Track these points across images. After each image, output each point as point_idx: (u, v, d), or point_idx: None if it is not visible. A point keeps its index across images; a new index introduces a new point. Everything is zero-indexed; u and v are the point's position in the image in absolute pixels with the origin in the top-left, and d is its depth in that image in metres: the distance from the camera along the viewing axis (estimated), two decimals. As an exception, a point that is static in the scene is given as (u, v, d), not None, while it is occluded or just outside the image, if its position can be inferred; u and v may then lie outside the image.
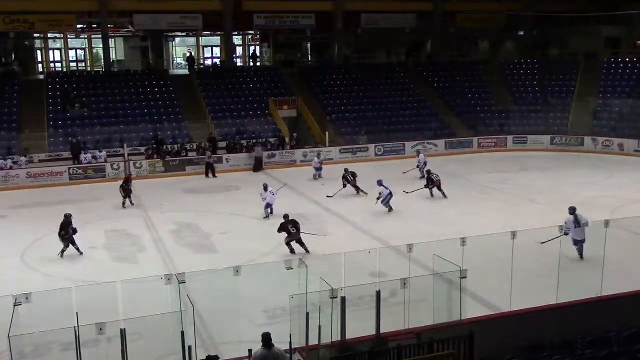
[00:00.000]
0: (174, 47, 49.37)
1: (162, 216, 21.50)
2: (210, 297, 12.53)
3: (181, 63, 47.88)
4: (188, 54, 44.66)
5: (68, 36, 45.08)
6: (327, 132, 32.85)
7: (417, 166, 26.97)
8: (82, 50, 47.87)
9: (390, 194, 21.17)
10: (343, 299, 9.95)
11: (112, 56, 40.99)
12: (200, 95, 35.31)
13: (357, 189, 23.90)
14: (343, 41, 41.25)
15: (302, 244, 16.87)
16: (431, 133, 34.77)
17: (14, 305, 9.73)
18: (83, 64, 46.84)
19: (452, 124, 36.26)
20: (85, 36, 45.00)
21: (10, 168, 27.35)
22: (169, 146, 30.59)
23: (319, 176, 27.66)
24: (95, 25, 39.58)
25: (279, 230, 16.94)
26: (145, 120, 32.86)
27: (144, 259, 17.27)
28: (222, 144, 31.49)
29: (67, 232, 17.07)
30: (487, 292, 13.37)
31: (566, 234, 15.18)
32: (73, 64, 46.29)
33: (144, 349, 10.40)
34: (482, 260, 13.67)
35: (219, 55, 47.59)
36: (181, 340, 9.27)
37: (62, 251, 17.16)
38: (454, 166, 29.51)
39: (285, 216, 17.36)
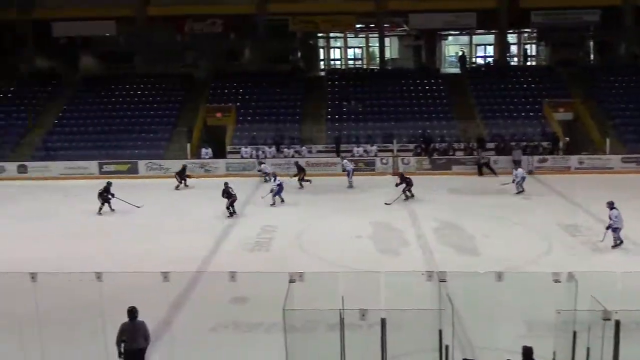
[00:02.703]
0: (446, 46, 49.48)
1: (426, 213, 21.71)
2: (469, 300, 12.28)
3: (453, 62, 47.83)
4: (460, 53, 44.44)
5: (348, 36, 47.96)
6: (607, 139, 30.08)
7: (513, 181, 24.65)
8: (360, 49, 50.50)
9: None
10: (617, 323, 9.01)
11: (387, 55, 42.50)
12: (471, 95, 34.91)
13: None
14: (632, 39, 37.41)
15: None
16: None
17: (289, 282, 10.61)
18: (360, 62, 49.41)
19: None
20: (363, 35, 47.37)
21: (292, 157, 29.98)
22: (436, 144, 30.80)
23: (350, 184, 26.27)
24: (372, 25, 41.44)
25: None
26: (415, 118, 33.52)
27: (406, 253, 17.62)
28: (490, 145, 30.76)
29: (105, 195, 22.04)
30: None
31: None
32: (351, 62, 49.11)
33: (401, 341, 10.57)
34: None
35: (492, 54, 46.50)
36: (439, 338, 9.25)
37: (100, 209, 21.98)
38: None
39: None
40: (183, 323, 12.77)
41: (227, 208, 21.64)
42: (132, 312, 10.12)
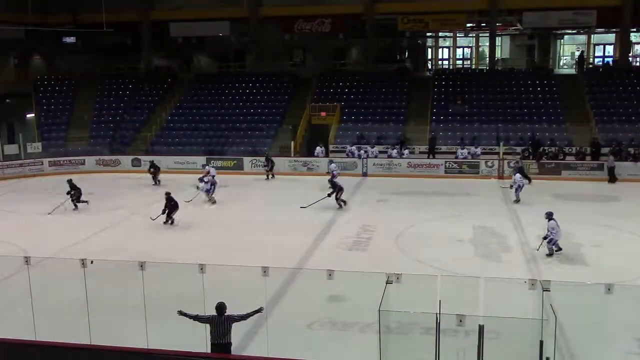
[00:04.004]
0: (561, 46, 47.40)
1: (532, 219, 20.88)
2: (575, 312, 11.72)
3: (568, 62, 45.77)
4: (579, 53, 42.38)
5: (457, 35, 47.03)
6: None
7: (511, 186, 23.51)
8: (469, 49, 49.42)
9: None
10: None
11: (498, 54, 41.33)
12: (586, 97, 33.23)
13: None
14: None
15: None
16: None
17: (386, 283, 10.55)
18: (469, 62, 48.34)
19: None
20: (473, 35, 46.29)
21: (400, 157, 29.75)
22: (546, 148, 29.59)
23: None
24: (484, 24, 40.42)
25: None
26: (524, 120, 32.38)
27: (508, 259, 17.06)
28: (605, 150, 29.15)
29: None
30: None
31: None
32: (459, 62, 48.14)
33: (499, 350, 10.25)
34: None
35: (611, 54, 44.04)
36: (539, 349, 8.87)
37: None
38: None
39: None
40: (280, 318, 13.01)
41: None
42: (220, 307, 10.36)
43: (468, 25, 40.52)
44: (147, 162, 29.46)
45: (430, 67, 46.69)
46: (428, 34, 45.49)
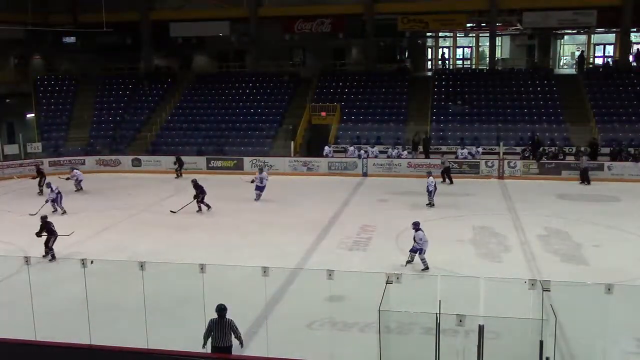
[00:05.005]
0: (562, 46, 47.42)
1: (532, 219, 20.93)
2: (575, 312, 11.73)
3: (568, 62, 45.78)
4: (579, 53, 42.39)
5: (457, 35, 47.04)
6: None
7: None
8: (469, 49, 49.44)
9: None
10: None
11: (498, 54, 41.35)
12: (586, 97, 33.24)
13: None
14: None
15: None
16: None
17: (386, 283, 10.55)
18: (469, 62, 48.34)
19: None
20: (474, 35, 46.31)
21: (399, 157, 29.74)
22: (546, 148, 29.60)
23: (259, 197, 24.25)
24: (484, 24, 40.43)
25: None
26: (524, 120, 32.40)
27: (508, 259, 17.05)
28: (605, 150, 29.16)
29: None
30: None
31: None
32: (459, 62, 48.15)
33: (499, 350, 10.25)
34: None
35: (611, 54, 44.05)
36: (539, 349, 8.87)
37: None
38: None
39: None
40: (280, 318, 13.01)
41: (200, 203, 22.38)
42: (221, 309, 10.36)
43: (468, 25, 40.53)
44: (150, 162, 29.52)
45: (430, 67, 46.68)
46: (428, 34, 45.49)
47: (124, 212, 22.72)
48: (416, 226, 16.04)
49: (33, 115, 36.57)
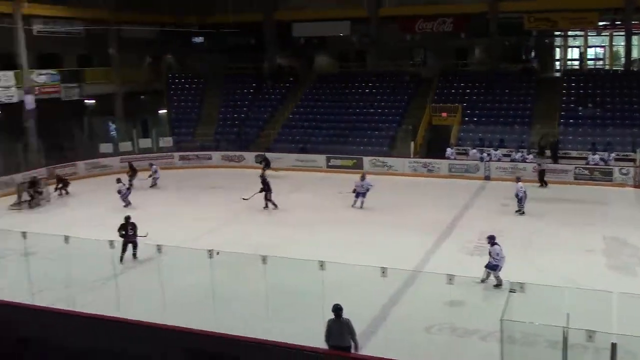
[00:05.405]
0: None
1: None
2: None
3: None
4: None
5: (588, 34, 44.54)
6: None
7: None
8: (602, 49, 46.69)
9: None
10: None
11: (634, 54, 38.73)
12: None
13: None
14: None
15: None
16: None
17: (509, 292, 10.19)
18: (601, 62, 45.67)
19: None
20: (607, 34, 43.64)
21: (524, 160, 28.62)
22: (688, 155, 27.35)
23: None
24: (619, 23, 38.01)
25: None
26: (663, 125, 30.11)
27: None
28: None
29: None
30: None
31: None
32: (591, 63, 45.60)
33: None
34: None
35: None
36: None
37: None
38: None
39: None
40: (397, 320, 12.92)
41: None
42: (337, 310, 10.33)
43: (600, 23, 38.22)
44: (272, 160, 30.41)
45: (558, 67, 44.54)
46: (556, 33, 43.41)
47: (244, 205, 23.44)
48: (492, 240, 15.08)
49: (165, 111, 38.67)
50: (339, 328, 10.32)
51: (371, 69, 39.66)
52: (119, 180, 24.49)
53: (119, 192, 23.91)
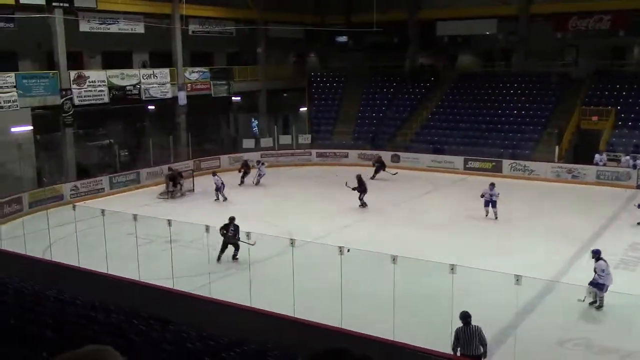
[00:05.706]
0: None
1: None
2: None
3: None
4: None
5: None
6: None
7: None
8: None
9: None
10: None
11: None
12: None
13: None
14: None
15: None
16: None
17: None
18: None
19: None
20: None
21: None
22: None
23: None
24: None
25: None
26: None
27: None
28: None
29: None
30: None
31: None
32: None
33: None
34: None
35: None
36: None
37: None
38: None
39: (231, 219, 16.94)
40: (528, 330, 12.39)
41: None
42: (465, 317, 10.08)
43: None
44: (408, 159, 30.17)
45: None
46: None
47: (374, 205, 23.51)
48: (597, 255, 13.60)
49: (305, 109, 39.69)
50: (469, 336, 10.07)
51: (517, 68, 38.15)
52: (214, 174, 25.49)
53: (216, 186, 24.88)
